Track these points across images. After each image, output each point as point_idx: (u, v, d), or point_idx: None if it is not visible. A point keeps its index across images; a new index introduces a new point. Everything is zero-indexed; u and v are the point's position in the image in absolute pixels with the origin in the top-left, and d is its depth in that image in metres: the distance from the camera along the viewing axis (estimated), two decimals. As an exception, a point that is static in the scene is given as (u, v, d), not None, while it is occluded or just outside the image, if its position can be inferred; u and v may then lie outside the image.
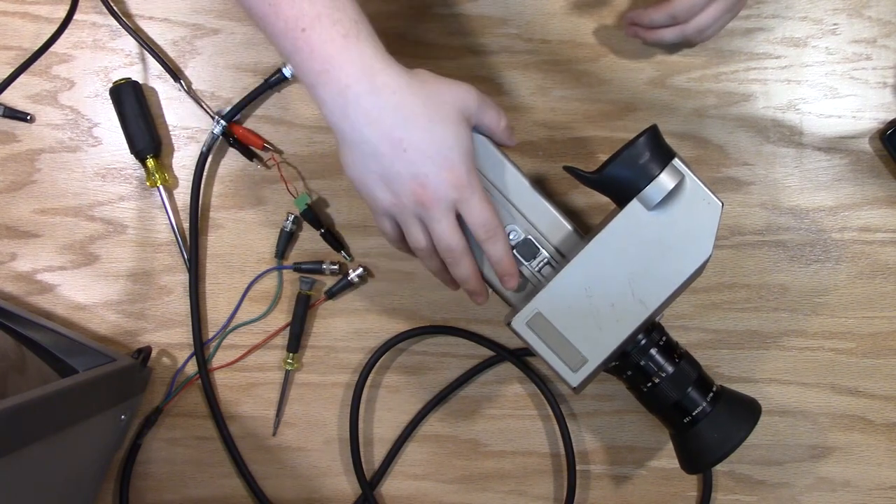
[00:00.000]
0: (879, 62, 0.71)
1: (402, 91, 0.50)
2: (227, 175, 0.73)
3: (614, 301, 0.55)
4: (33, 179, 0.73)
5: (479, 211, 0.53)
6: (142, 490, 0.73)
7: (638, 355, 0.58)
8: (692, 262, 0.56)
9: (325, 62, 0.49)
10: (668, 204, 0.54)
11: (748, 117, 0.71)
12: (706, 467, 0.59)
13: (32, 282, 0.73)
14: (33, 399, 0.54)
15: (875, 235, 0.71)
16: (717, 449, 0.57)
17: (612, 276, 0.55)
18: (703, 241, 0.55)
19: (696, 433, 0.58)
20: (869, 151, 0.71)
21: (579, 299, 0.55)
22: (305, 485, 0.73)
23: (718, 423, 0.58)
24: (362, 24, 0.50)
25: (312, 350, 0.73)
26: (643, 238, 0.55)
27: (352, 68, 0.49)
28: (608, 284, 0.55)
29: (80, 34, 0.72)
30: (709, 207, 0.55)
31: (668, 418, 0.60)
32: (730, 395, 0.60)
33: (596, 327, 0.55)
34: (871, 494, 0.72)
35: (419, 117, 0.50)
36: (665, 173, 0.54)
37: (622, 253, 0.55)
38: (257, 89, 0.71)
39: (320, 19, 0.49)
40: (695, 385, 0.58)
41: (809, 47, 0.71)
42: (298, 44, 0.49)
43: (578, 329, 0.55)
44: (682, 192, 0.55)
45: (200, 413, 0.73)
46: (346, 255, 0.72)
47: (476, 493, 0.73)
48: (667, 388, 0.58)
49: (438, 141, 0.51)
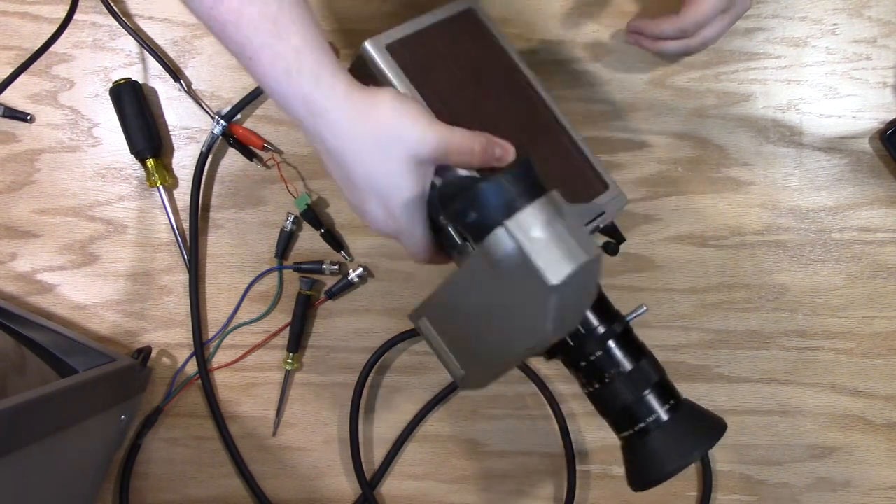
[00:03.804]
0: (879, 62, 0.71)
1: (345, 135, 0.48)
2: (227, 175, 0.73)
3: (480, 335, 0.49)
4: (33, 179, 0.73)
5: (411, 249, 0.53)
6: (142, 490, 0.73)
7: (593, 345, 0.52)
8: (527, 336, 0.46)
9: (277, 95, 0.48)
10: (506, 268, 0.45)
11: (748, 117, 0.71)
12: (651, 484, 0.52)
13: (32, 282, 0.73)
14: (33, 399, 0.54)
15: (875, 235, 0.71)
16: (667, 464, 0.50)
17: (473, 311, 0.48)
18: (533, 319, 0.45)
19: (646, 443, 0.51)
20: (869, 151, 0.71)
21: (454, 320, 0.50)
22: (305, 485, 0.73)
23: (673, 436, 0.51)
24: (306, 54, 0.47)
25: (312, 350, 0.73)
26: (488, 289, 0.46)
27: (297, 108, 0.48)
28: (471, 317, 0.49)
29: (80, 34, 0.72)
30: (537, 285, 0.44)
31: (617, 425, 0.53)
32: (692, 408, 0.53)
33: (471, 351, 0.50)
34: (871, 494, 0.72)
35: (360, 161, 0.48)
36: (490, 238, 0.44)
37: (476, 294, 0.47)
38: (257, 89, 0.71)
39: (263, 51, 0.47)
40: (653, 390, 0.52)
41: (809, 47, 0.71)
42: (250, 69, 0.48)
43: (457, 345, 0.50)
44: (517, 259, 0.44)
45: (200, 413, 0.73)
46: (346, 255, 0.72)
47: (476, 493, 0.73)
48: (619, 389, 0.52)
49: (378, 186, 0.49)
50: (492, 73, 0.60)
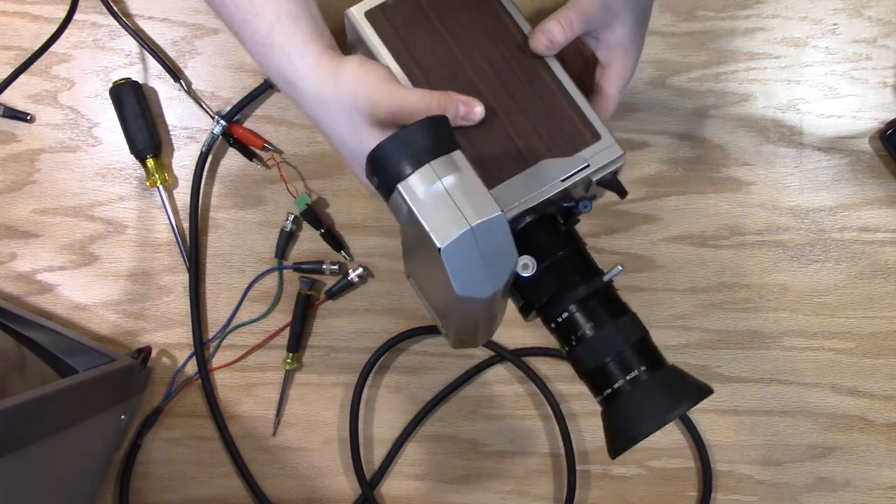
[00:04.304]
0: (879, 62, 0.71)
1: (315, 103, 0.50)
2: (227, 175, 0.73)
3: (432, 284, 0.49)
4: (33, 179, 0.73)
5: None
6: (142, 490, 0.73)
7: (565, 302, 0.51)
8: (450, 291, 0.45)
9: (259, 64, 0.51)
10: (410, 228, 0.45)
11: (748, 117, 0.71)
12: (621, 448, 0.49)
13: (32, 282, 0.73)
14: (33, 399, 0.54)
15: (875, 235, 0.71)
16: (641, 424, 0.48)
17: (421, 266, 0.50)
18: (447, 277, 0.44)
19: (621, 405, 0.49)
20: (869, 151, 0.71)
21: (419, 275, 0.52)
22: (305, 485, 0.73)
23: (650, 397, 0.48)
24: (278, 29, 0.49)
25: (312, 350, 0.73)
26: (418, 248, 0.46)
27: (276, 78, 0.51)
28: (425, 274, 0.50)
29: (80, 34, 0.72)
30: (433, 248, 0.44)
31: (595, 384, 0.51)
32: (671, 372, 0.50)
33: (436, 301, 0.51)
34: (871, 494, 0.72)
35: (335, 124, 0.51)
36: (393, 196, 0.45)
37: (416, 253, 0.48)
38: (257, 89, 0.71)
39: (243, 25, 0.49)
40: (632, 348, 0.49)
41: (809, 47, 0.71)
42: (240, 40, 0.51)
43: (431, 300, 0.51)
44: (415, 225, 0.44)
45: (200, 413, 0.73)
46: (346, 255, 0.72)
47: (476, 493, 0.73)
48: (596, 345, 0.50)
49: (355, 150, 0.51)
50: (480, 28, 0.59)
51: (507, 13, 0.60)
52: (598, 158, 0.55)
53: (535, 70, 0.58)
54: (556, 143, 0.55)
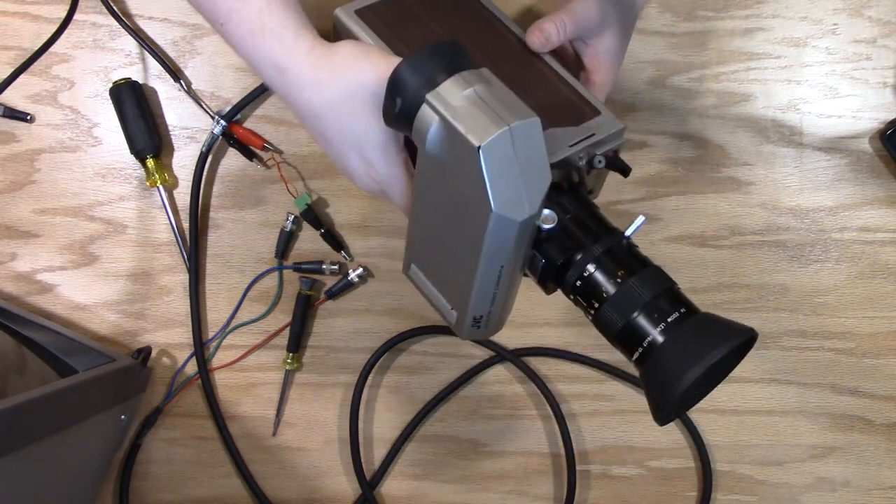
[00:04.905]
0: (879, 62, 0.71)
1: (311, 87, 0.48)
2: (227, 175, 0.73)
3: (454, 253, 0.46)
4: (33, 179, 0.73)
5: (399, 201, 0.52)
6: (142, 490, 0.73)
7: (576, 271, 0.47)
8: (480, 222, 0.43)
9: (247, 58, 0.49)
10: (436, 146, 0.43)
11: (748, 117, 0.71)
12: (668, 407, 0.44)
13: (32, 282, 0.73)
14: (33, 399, 0.54)
15: (875, 235, 0.71)
16: (675, 381, 0.42)
17: (438, 225, 0.47)
18: (478, 193, 0.42)
19: (651, 367, 0.44)
20: (869, 151, 0.71)
21: (431, 249, 0.48)
22: (305, 485, 0.73)
23: (682, 344, 0.44)
24: (267, 13, 0.48)
25: (312, 350, 0.73)
26: (439, 188, 0.45)
27: (265, 68, 0.49)
28: (439, 235, 0.47)
29: (80, 34, 0.72)
30: (468, 152, 0.42)
31: (626, 345, 0.47)
32: (704, 318, 0.46)
33: (453, 279, 0.47)
34: (871, 494, 0.72)
35: (330, 114, 0.49)
36: (419, 114, 0.43)
37: (434, 203, 0.46)
38: (257, 89, 0.71)
39: (230, 15, 0.48)
40: (659, 299, 0.45)
41: (809, 47, 0.71)
42: (224, 35, 0.49)
43: (441, 280, 0.48)
44: (444, 133, 0.43)
45: (200, 413, 0.73)
46: (346, 255, 0.72)
47: (476, 493, 0.73)
48: (621, 301, 0.46)
49: (350, 138, 0.49)
50: (470, 25, 0.60)
51: (492, 14, 0.61)
52: (602, 130, 0.55)
53: (529, 59, 0.59)
54: (560, 118, 0.55)
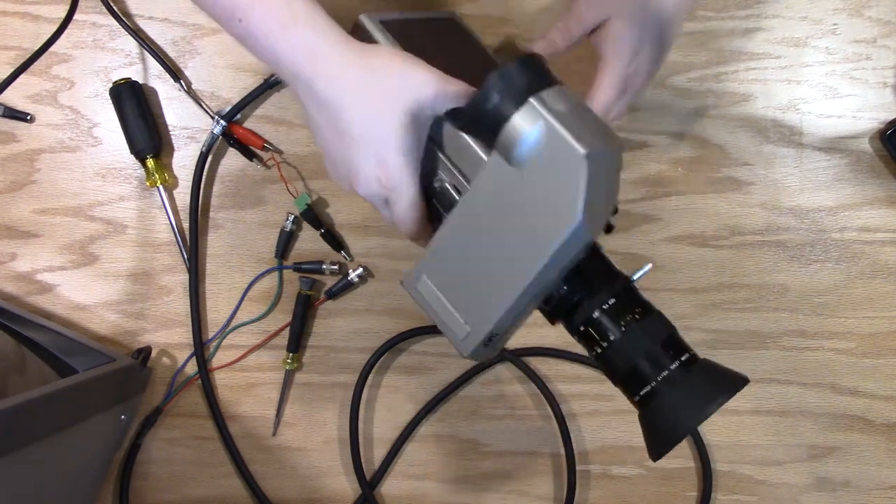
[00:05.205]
0: (879, 62, 0.71)
1: (345, 79, 0.47)
2: (227, 175, 0.73)
3: (490, 266, 0.47)
4: (33, 179, 0.73)
5: (400, 212, 0.51)
6: (142, 490, 0.73)
7: (585, 312, 0.49)
8: (558, 231, 0.44)
9: (270, 52, 0.48)
10: (528, 155, 0.44)
11: (748, 117, 0.71)
12: (664, 448, 0.47)
13: (32, 282, 0.73)
14: (33, 399, 0.54)
15: (875, 235, 0.71)
16: (676, 425, 0.46)
17: (484, 238, 0.47)
18: (567, 203, 0.43)
19: (654, 409, 0.47)
20: (869, 151, 0.71)
21: (458, 263, 0.48)
22: (305, 485, 0.73)
23: (685, 393, 0.47)
24: (296, 5, 0.47)
25: (312, 350, 0.73)
26: (507, 196, 0.46)
27: (295, 57, 0.47)
28: (481, 247, 0.47)
29: (80, 34, 0.72)
30: (570, 161, 0.43)
31: (628, 386, 0.49)
32: (705, 366, 0.49)
33: (477, 294, 0.48)
34: (871, 494, 0.72)
35: (359, 109, 0.47)
36: (515, 118, 0.44)
37: (489, 213, 0.46)
38: (257, 89, 0.71)
39: (253, 8, 0.47)
40: (661, 346, 0.48)
41: (809, 47, 0.71)
42: (241, 33, 0.48)
43: (461, 296, 0.48)
44: (543, 142, 0.44)
45: (200, 413, 0.73)
46: (346, 255, 0.72)
47: (476, 493, 0.73)
48: (620, 352, 0.48)
49: (374, 134, 0.48)
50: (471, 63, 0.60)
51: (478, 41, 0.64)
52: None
53: None
54: None
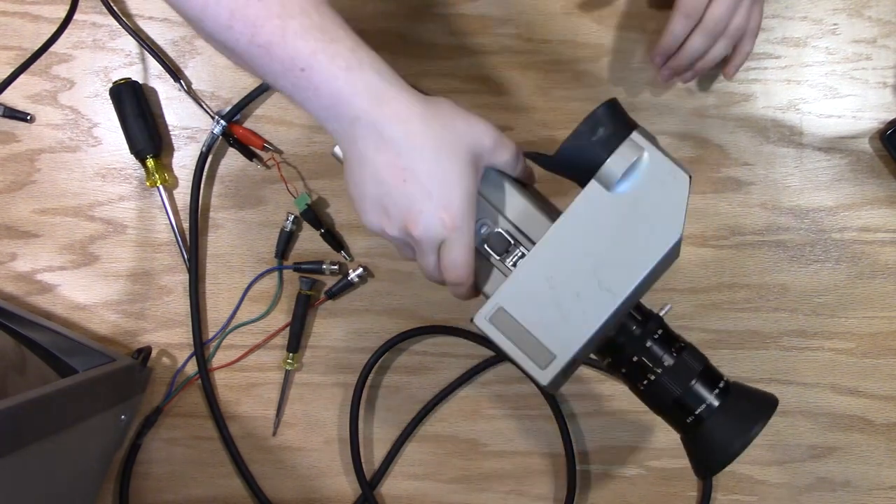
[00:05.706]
0: (879, 62, 0.71)
1: (413, 120, 0.48)
2: (227, 175, 0.73)
3: (580, 291, 0.51)
4: (33, 179, 0.73)
5: (457, 256, 0.51)
6: (142, 490, 0.73)
7: (632, 348, 0.54)
8: (661, 245, 0.50)
9: (331, 98, 0.48)
10: (629, 182, 0.50)
11: (748, 117, 0.71)
12: (716, 469, 0.54)
13: (32, 282, 0.73)
14: (33, 399, 0.54)
15: (875, 235, 0.71)
16: (726, 448, 0.52)
17: (575, 264, 0.51)
18: (671, 219, 0.50)
19: (702, 433, 0.53)
20: (869, 151, 0.71)
21: (542, 291, 0.51)
22: (305, 485, 0.73)
23: (728, 420, 0.53)
24: (362, 52, 0.48)
25: (312, 350, 0.73)
26: (604, 221, 0.51)
27: (359, 101, 0.47)
28: (571, 274, 0.51)
29: (80, 34, 0.72)
30: (675, 182, 0.50)
31: (672, 418, 0.55)
32: (739, 389, 0.55)
33: (563, 320, 0.51)
34: (871, 494, 0.72)
35: (426, 150, 0.48)
36: (621, 149, 0.50)
37: (583, 239, 0.51)
38: (257, 89, 0.71)
39: (316, 56, 0.46)
40: (699, 380, 0.54)
41: (809, 47, 0.71)
42: (300, 83, 0.47)
43: (544, 323, 0.51)
44: (645, 168, 0.50)
45: (200, 413, 0.73)
46: (346, 255, 0.72)
47: (476, 493, 0.73)
48: (666, 383, 0.54)
49: (441, 177, 0.49)
50: None
51: None
52: None
53: None
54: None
